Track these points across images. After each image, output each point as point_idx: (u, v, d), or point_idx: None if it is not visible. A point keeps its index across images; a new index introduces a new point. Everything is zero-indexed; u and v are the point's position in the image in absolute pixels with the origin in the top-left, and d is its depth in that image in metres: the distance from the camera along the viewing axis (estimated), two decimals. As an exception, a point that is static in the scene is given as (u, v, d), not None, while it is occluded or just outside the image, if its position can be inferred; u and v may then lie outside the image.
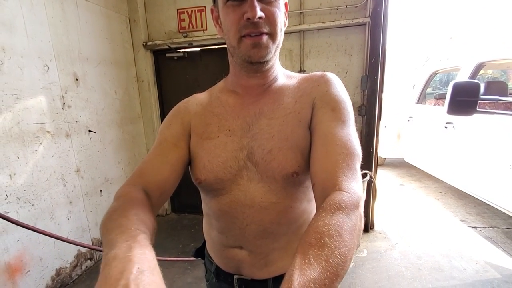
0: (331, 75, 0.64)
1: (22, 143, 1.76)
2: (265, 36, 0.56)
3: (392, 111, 4.35)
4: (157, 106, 3.09)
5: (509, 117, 2.15)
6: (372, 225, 2.75)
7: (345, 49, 2.52)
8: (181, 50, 2.89)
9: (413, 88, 4.11)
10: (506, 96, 2.46)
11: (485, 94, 2.15)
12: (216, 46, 2.83)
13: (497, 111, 2.34)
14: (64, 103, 2.06)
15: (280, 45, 0.61)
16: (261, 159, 0.60)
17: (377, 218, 2.81)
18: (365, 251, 2.38)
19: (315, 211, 0.48)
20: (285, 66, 0.72)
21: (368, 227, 2.71)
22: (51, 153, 1.96)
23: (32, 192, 1.83)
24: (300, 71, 2.57)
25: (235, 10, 0.55)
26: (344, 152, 0.52)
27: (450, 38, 6.71)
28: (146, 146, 3.11)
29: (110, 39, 2.54)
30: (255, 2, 0.53)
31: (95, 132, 2.35)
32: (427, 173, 3.49)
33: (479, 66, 2.67)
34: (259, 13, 0.53)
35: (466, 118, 2.58)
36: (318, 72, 0.65)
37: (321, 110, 0.59)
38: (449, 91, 1.50)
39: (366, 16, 2.37)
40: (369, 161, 2.56)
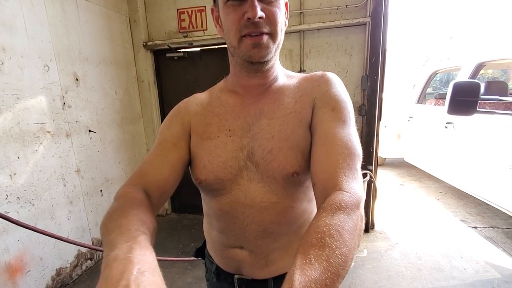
0: (332, 75, 0.64)
1: (23, 143, 1.76)
2: (266, 36, 0.56)
3: (392, 111, 4.35)
4: (157, 106, 3.09)
5: (509, 117, 2.14)
6: (372, 225, 2.75)
7: (345, 49, 2.52)
8: (181, 50, 2.90)
9: (413, 88, 4.11)
10: (506, 96, 2.46)
11: (485, 94, 2.16)
12: (216, 46, 2.83)
13: (497, 111, 2.34)
14: (65, 103, 2.06)
15: (281, 45, 0.61)
16: (262, 159, 0.60)
17: (377, 218, 2.81)
18: (365, 251, 2.37)
19: (316, 211, 0.48)
20: (285, 66, 0.72)
21: (368, 227, 2.71)
22: (52, 153, 1.96)
23: (33, 192, 1.83)
24: (300, 71, 2.57)
25: (236, 10, 0.55)
26: (345, 152, 0.52)
27: (450, 38, 6.72)
28: (146, 146, 3.11)
29: (110, 39, 2.54)
30: (256, 2, 0.53)
31: (95, 132, 2.35)
32: (427, 173, 3.49)
33: (479, 66, 2.67)
34: (260, 13, 0.53)
35: (466, 118, 2.58)
36: (319, 72, 0.65)
37: (322, 110, 0.59)
38: (449, 91, 1.50)
39: (366, 16, 2.37)
40: (369, 161, 2.56)
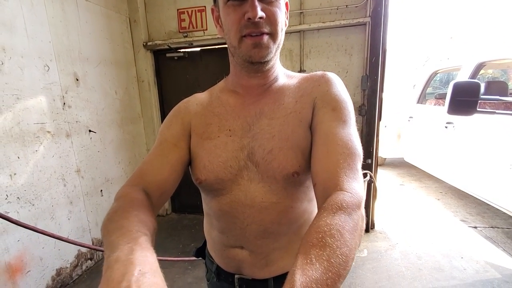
0: (332, 75, 0.64)
1: (23, 143, 1.76)
2: (266, 36, 0.56)
3: (392, 111, 4.35)
4: (158, 106, 3.09)
5: (510, 117, 2.14)
6: (373, 225, 2.75)
7: (345, 49, 2.52)
8: (181, 50, 2.90)
9: (414, 88, 4.11)
10: (507, 96, 2.46)
11: (486, 94, 2.16)
12: (217, 46, 2.83)
13: (498, 111, 2.34)
14: (65, 103, 2.06)
15: (281, 45, 0.61)
16: (262, 159, 0.60)
17: (378, 218, 2.81)
18: (366, 251, 2.37)
19: (316, 211, 0.48)
20: (285, 66, 0.72)
21: (369, 227, 2.71)
22: (52, 153, 1.96)
23: (33, 192, 1.83)
24: (300, 71, 2.56)
25: (236, 10, 0.55)
26: (345, 152, 0.52)
27: (451, 38, 6.71)
28: (147, 146, 3.11)
29: (110, 39, 2.54)
30: (256, 2, 0.53)
31: (96, 132, 2.35)
32: (428, 173, 3.49)
33: (480, 66, 2.67)
34: (260, 13, 0.53)
35: (467, 118, 2.58)
36: (319, 72, 0.65)
37: (322, 110, 0.59)
38: (450, 91, 1.50)
39: (366, 16, 2.37)
40: (369, 162, 2.56)
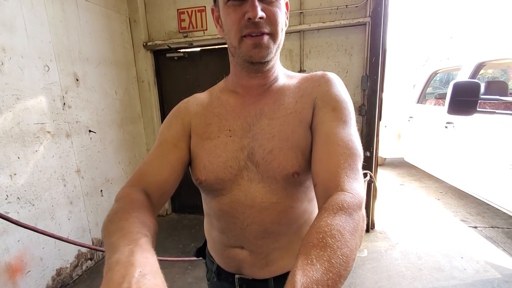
0: (332, 75, 0.64)
1: (23, 143, 1.76)
2: (266, 36, 0.56)
3: (393, 111, 4.35)
4: (158, 106, 3.09)
5: (510, 117, 2.14)
6: (373, 225, 2.75)
7: (345, 49, 2.52)
8: (181, 50, 2.90)
9: (413, 88, 4.11)
10: (507, 96, 2.47)
11: (486, 94, 2.16)
12: (216, 46, 2.83)
13: (498, 111, 2.34)
14: (65, 103, 2.06)
15: (281, 45, 0.61)
16: (262, 159, 0.60)
17: (378, 218, 2.81)
18: (366, 251, 2.37)
19: (316, 211, 0.48)
20: (285, 66, 0.72)
21: (369, 227, 2.71)
22: (52, 153, 1.96)
23: (33, 192, 1.83)
24: (300, 71, 2.56)
25: (236, 10, 0.55)
26: (346, 153, 0.52)
27: (451, 38, 6.72)
28: (147, 146, 3.11)
29: (110, 39, 2.54)
30: (256, 2, 0.53)
31: (96, 132, 2.35)
32: (428, 173, 3.49)
33: (480, 66, 2.67)
34: (260, 13, 0.53)
35: (467, 118, 2.58)
36: (319, 72, 0.65)
37: (322, 110, 0.59)
38: (449, 91, 1.50)
39: (366, 16, 2.37)
40: (369, 161, 2.56)
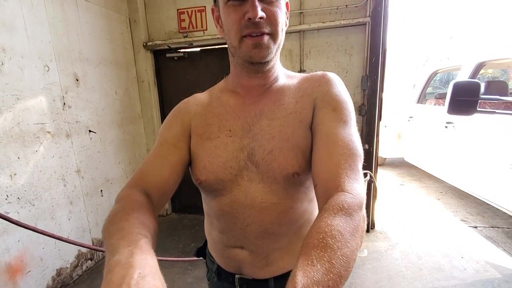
0: (332, 75, 0.64)
1: (23, 144, 1.76)
2: (266, 36, 0.56)
3: (392, 111, 4.35)
4: (158, 106, 3.09)
5: (510, 117, 2.14)
6: (373, 225, 2.75)
7: (345, 49, 2.52)
8: (181, 50, 2.89)
9: (414, 88, 4.11)
10: (507, 96, 2.47)
11: (486, 94, 2.16)
12: (216, 46, 2.83)
13: (498, 111, 2.34)
14: (65, 104, 2.06)
15: (282, 45, 0.61)
16: (262, 160, 0.60)
17: (378, 218, 2.81)
18: (366, 251, 2.37)
19: (317, 212, 0.48)
20: (285, 66, 0.72)
21: (369, 227, 2.70)
22: (52, 154, 1.96)
23: (33, 193, 1.83)
24: (300, 71, 2.56)
25: (236, 10, 0.55)
26: (346, 153, 0.52)
27: (451, 38, 6.71)
28: (147, 146, 3.11)
29: (110, 39, 2.54)
30: (256, 2, 0.53)
31: (96, 133, 2.35)
32: (428, 173, 3.49)
33: (480, 66, 2.66)
34: (260, 13, 0.53)
35: (467, 118, 2.58)
36: (319, 72, 0.65)
37: (323, 110, 0.59)
38: (450, 91, 1.50)
39: (366, 16, 2.37)
40: (369, 161, 2.56)
